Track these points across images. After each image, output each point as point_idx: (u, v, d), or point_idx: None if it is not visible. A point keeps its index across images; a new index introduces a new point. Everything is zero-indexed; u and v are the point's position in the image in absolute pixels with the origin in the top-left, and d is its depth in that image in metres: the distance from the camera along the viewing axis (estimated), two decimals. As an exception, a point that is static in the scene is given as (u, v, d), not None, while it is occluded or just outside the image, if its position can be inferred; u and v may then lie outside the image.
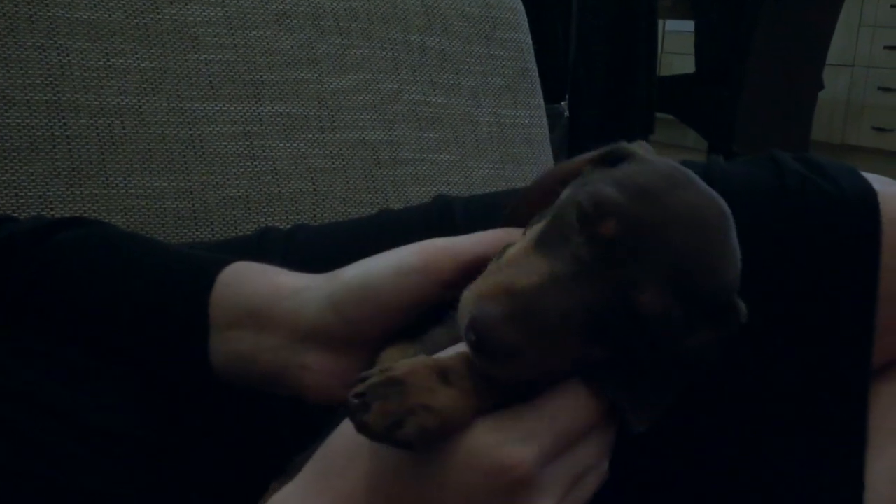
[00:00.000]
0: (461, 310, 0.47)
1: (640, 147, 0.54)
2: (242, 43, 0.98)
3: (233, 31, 0.97)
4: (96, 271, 0.62)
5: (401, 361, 0.48)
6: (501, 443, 0.46)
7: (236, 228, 0.93)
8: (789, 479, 0.60)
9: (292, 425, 0.57)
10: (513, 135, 1.18)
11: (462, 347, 0.51)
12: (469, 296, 0.47)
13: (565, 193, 0.52)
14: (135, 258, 0.63)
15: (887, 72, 4.48)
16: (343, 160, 1.02)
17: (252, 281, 0.60)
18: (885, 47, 4.47)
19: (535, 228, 0.51)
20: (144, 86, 0.91)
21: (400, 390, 0.45)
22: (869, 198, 0.61)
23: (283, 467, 0.57)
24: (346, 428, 0.50)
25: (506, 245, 0.53)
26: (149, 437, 0.59)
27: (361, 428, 0.45)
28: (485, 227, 0.59)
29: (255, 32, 0.98)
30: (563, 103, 2.93)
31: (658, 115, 3.58)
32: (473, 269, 0.56)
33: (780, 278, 0.51)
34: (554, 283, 0.46)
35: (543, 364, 0.46)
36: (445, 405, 0.46)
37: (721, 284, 0.49)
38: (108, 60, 0.90)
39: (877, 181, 0.63)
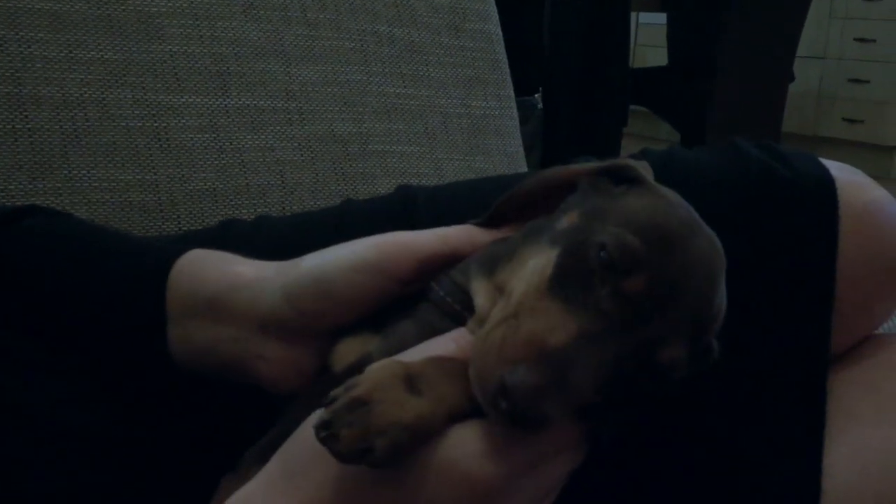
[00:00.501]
0: (478, 364, 0.45)
1: (643, 168, 0.54)
2: (208, 34, 0.96)
3: (198, 22, 0.96)
4: (50, 261, 0.61)
5: (366, 371, 0.47)
6: (474, 456, 0.46)
7: (203, 221, 0.92)
8: (748, 464, 0.60)
9: (255, 416, 0.57)
10: (483, 126, 1.18)
11: (433, 349, 0.50)
12: (487, 349, 0.45)
13: (568, 214, 0.51)
14: (90, 248, 0.62)
15: (858, 63, 4.53)
16: (311, 152, 1.01)
17: (208, 270, 0.59)
18: (856, 39, 4.51)
19: (541, 261, 0.49)
20: (108, 77, 0.90)
21: (367, 410, 0.44)
22: (827, 185, 0.62)
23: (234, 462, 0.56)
24: (310, 428, 0.49)
25: (489, 260, 0.53)
26: (106, 432, 0.58)
27: (333, 454, 0.44)
28: (449, 219, 0.59)
29: (221, 23, 0.97)
30: (536, 95, 2.93)
31: (632, 107, 3.59)
32: (433, 266, 0.56)
33: (738, 265, 0.51)
34: (583, 343, 0.45)
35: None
36: (415, 418, 0.45)
37: (716, 329, 0.50)
38: (71, 52, 0.88)
39: (835, 168, 0.64)
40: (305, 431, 0.49)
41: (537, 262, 0.49)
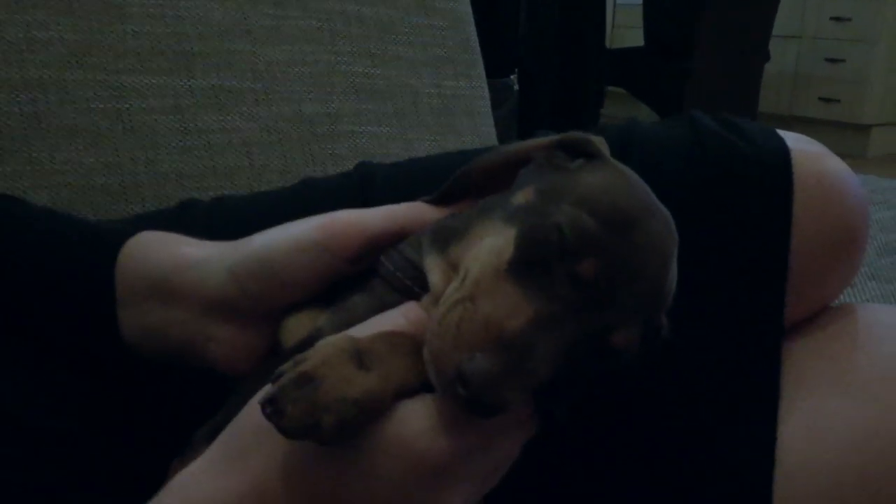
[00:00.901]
0: (434, 348, 0.45)
1: (599, 142, 0.53)
2: (171, 13, 0.95)
3: (161, 1, 0.94)
4: None
5: (315, 346, 0.46)
6: (423, 432, 0.45)
7: (168, 204, 0.91)
8: (703, 435, 0.60)
9: (210, 399, 0.56)
10: (454, 106, 1.17)
11: (382, 324, 0.50)
12: (444, 332, 0.45)
13: (523, 190, 0.51)
14: (37, 231, 0.61)
15: (834, 43, 4.54)
16: (279, 133, 1.00)
17: (155, 252, 0.59)
18: (832, 18, 4.53)
19: (498, 241, 0.48)
20: (69, 58, 0.88)
21: (314, 386, 0.43)
22: (783, 155, 0.62)
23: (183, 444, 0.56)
24: (256, 406, 0.49)
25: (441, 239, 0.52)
26: (58, 420, 0.58)
27: (279, 430, 0.43)
28: (407, 197, 0.58)
29: (184, 2, 0.96)
30: (512, 77, 2.92)
31: (609, 88, 3.59)
32: (380, 244, 0.55)
33: (693, 236, 0.50)
34: (540, 327, 0.45)
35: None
36: (363, 393, 0.44)
37: (667, 307, 0.50)
38: (30, 32, 0.87)
39: (791, 139, 0.64)
40: (251, 409, 0.48)
41: (494, 242, 0.48)
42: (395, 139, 1.10)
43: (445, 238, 0.53)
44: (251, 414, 0.48)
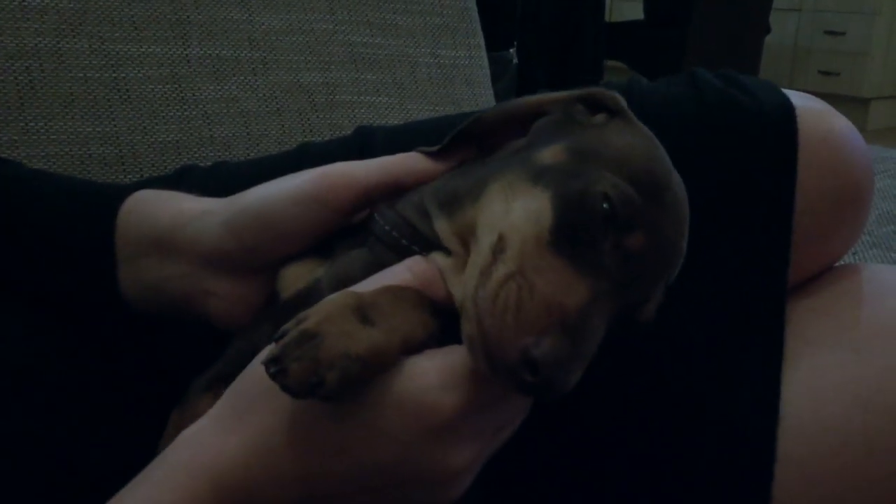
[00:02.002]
0: (492, 329, 0.42)
1: (617, 97, 0.52)
2: (167, -19, 0.94)
3: (156, -31, 0.93)
4: None
5: (318, 304, 0.45)
6: (430, 388, 0.45)
7: (167, 171, 0.90)
8: (708, 392, 0.60)
9: (208, 352, 0.56)
10: (453, 76, 1.16)
11: (388, 279, 0.49)
12: (500, 312, 0.42)
13: (550, 147, 0.49)
14: (37, 192, 0.61)
15: (833, 15, 4.51)
16: (277, 103, 0.99)
17: (154, 208, 0.58)
18: (832, -9, 4.50)
19: (534, 206, 0.46)
20: (63, 26, 0.87)
21: (316, 343, 0.43)
22: (787, 112, 0.61)
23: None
24: (259, 364, 0.48)
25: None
26: (58, 373, 0.58)
27: (283, 389, 0.43)
28: None
29: (180, -30, 0.95)
30: (511, 50, 2.90)
31: (609, 62, 3.57)
32: (374, 196, 0.55)
33: (698, 193, 0.50)
34: (594, 305, 0.44)
35: None
36: (367, 349, 0.43)
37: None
38: (24, 0, 0.86)
39: (796, 97, 0.63)
40: (255, 367, 0.48)
41: (528, 207, 0.46)
42: (394, 109, 1.09)
43: (453, 198, 0.51)
44: (256, 371, 0.47)
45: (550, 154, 0.48)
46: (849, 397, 0.57)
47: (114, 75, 0.89)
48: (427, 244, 0.51)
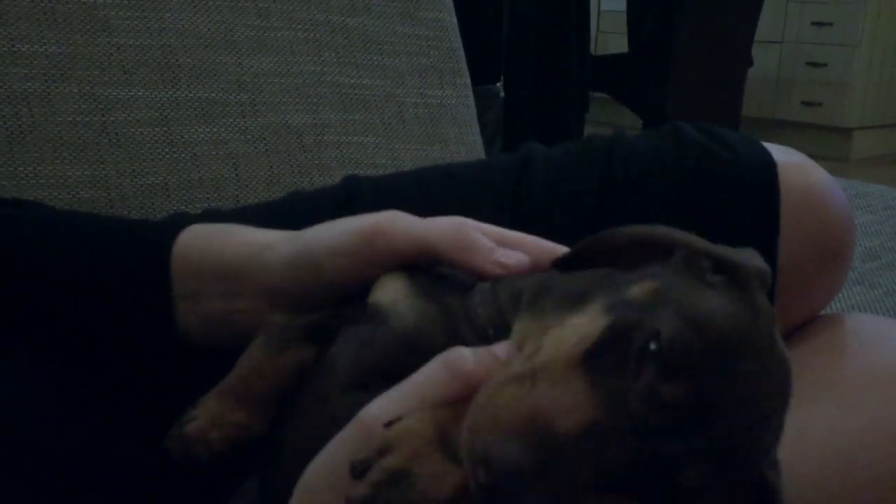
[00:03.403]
0: (472, 418, 0.39)
1: (753, 257, 0.47)
2: (156, 25, 0.95)
3: (145, 14, 0.94)
4: (38, 246, 0.60)
5: (396, 432, 0.42)
6: None
7: (155, 217, 0.91)
8: None
9: None
10: (440, 116, 1.17)
11: (422, 383, 0.45)
12: (488, 406, 0.39)
13: (641, 283, 0.44)
14: (78, 231, 0.61)
15: (815, 47, 4.58)
16: (266, 144, 1.00)
17: (216, 242, 0.59)
18: (813, 23, 4.56)
19: (586, 327, 0.42)
20: (53, 71, 0.88)
21: (408, 486, 0.40)
22: (768, 168, 0.62)
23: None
24: (326, 485, 0.44)
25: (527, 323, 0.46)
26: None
27: None
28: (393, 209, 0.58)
29: (168, 14, 0.96)
30: (498, 84, 2.92)
31: (595, 94, 3.61)
32: (414, 255, 0.54)
33: None
34: (595, 435, 0.38)
35: None
36: (454, 489, 0.40)
37: (761, 461, 0.43)
38: (13, 46, 0.86)
39: (777, 151, 0.64)
40: (319, 481, 0.44)
41: (580, 326, 0.42)
42: (382, 149, 1.10)
43: (544, 299, 0.47)
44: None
45: (639, 289, 0.44)
46: (832, 453, 0.57)
47: (103, 119, 0.90)
48: (507, 334, 0.47)
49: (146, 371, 0.62)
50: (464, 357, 0.44)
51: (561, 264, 0.51)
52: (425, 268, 0.55)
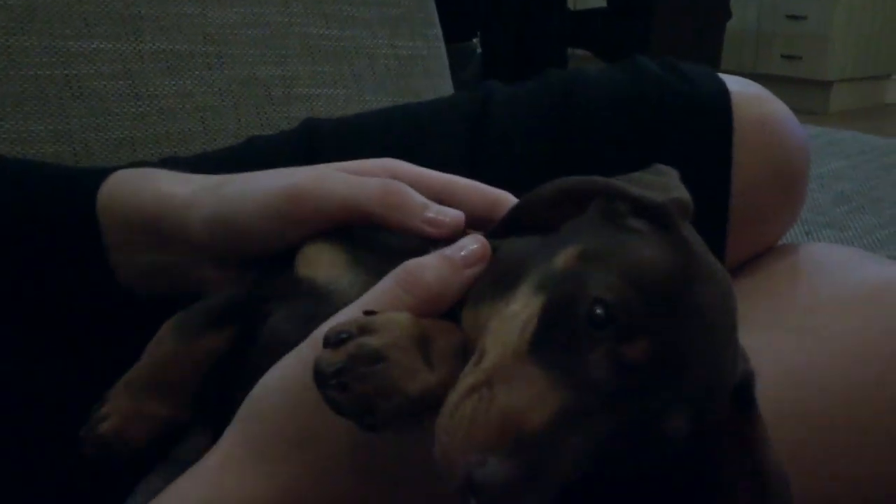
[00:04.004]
0: (444, 445, 0.39)
1: (671, 176, 0.48)
2: (117, -24, 0.93)
3: (106, -36, 0.92)
4: None
5: (381, 319, 0.42)
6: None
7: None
8: None
9: None
10: (411, 67, 1.16)
11: (384, 300, 0.45)
12: (455, 428, 0.38)
13: (566, 250, 0.43)
14: (10, 180, 0.60)
15: (794, 0, 4.56)
16: (233, 97, 0.99)
17: (138, 190, 0.57)
18: (792, -25, 4.54)
19: (523, 314, 0.41)
20: (12, 24, 0.86)
21: (382, 370, 0.40)
22: (723, 98, 0.63)
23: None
24: (279, 399, 0.46)
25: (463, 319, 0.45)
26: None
27: (329, 401, 0.40)
28: (353, 153, 0.57)
29: (130, -35, 0.94)
30: (475, 40, 2.90)
31: (574, 50, 3.59)
32: (350, 222, 0.52)
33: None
34: (567, 421, 0.38)
35: None
36: (421, 392, 0.41)
37: (730, 378, 0.44)
38: (-30, -2, 0.85)
39: (733, 82, 0.65)
40: (276, 400, 0.45)
41: (518, 315, 0.42)
42: (352, 101, 1.09)
43: (483, 291, 0.46)
44: (278, 414, 0.45)
45: (563, 258, 0.43)
46: (781, 375, 0.57)
47: (65, 72, 0.88)
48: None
49: (100, 326, 0.60)
50: (419, 267, 0.45)
51: (496, 234, 0.50)
52: (354, 230, 0.53)
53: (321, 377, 0.40)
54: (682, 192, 0.47)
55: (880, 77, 4.82)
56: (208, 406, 0.51)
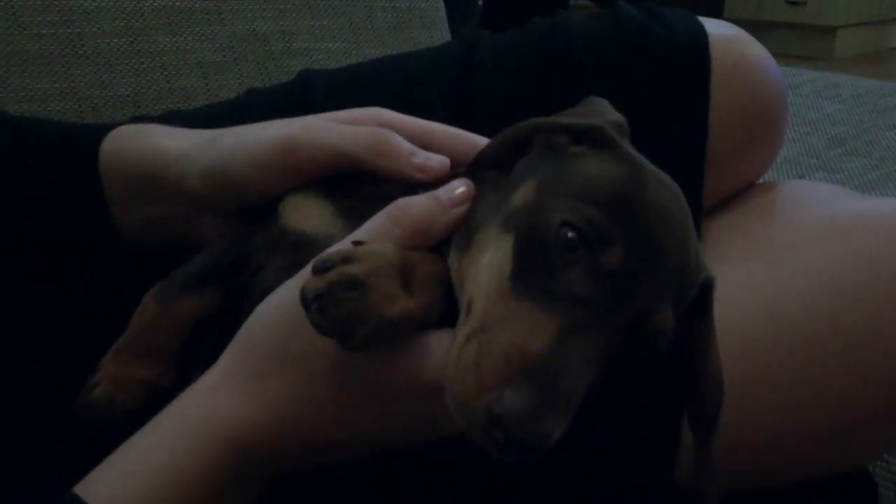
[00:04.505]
0: (457, 394, 0.40)
1: (617, 125, 0.50)
2: (116, -66, 0.94)
3: (104, -78, 0.93)
4: None
5: (364, 249, 0.45)
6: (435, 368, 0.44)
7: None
8: None
9: None
10: (409, 20, 1.17)
11: (375, 234, 0.48)
12: (463, 375, 0.40)
13: (523, 187, 0.46)
14: (11, 138, 0.62)
15: (799, -55, 4.50)
16: (234, 53, 1.00)
17: (137, 146, 0.59)
18: (797, -80, 4.47)
19: (497, 257, 0.44)
20: (14, -17, 0.87)
21: (360, 296, 0.42)
22: (699, 39, 0.64)
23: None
24: (271, 322, 0.48)
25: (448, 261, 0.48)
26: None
27: (312, 323, 0.43)
28: (349, 102, 0.58)
29: (128, -78, 0.95)
30: (476, -7, 2.88)
31: (578, 1, 3.56)
32: (342, 169, 0.54)
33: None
34: (567, 339, 0.40)
35: None
36: (400, 317, 0.44)
37: (700, 269, 0.47)
38: (-27, -42, 0.86)
39: (712, 24, 0.66)
40: (270, 323, 0.48)
41: (492, 259, 0.44)
42: (351, 55, 1.10)
43: (460, 238, 0.49)
44: (269, 334, 0.48)
45: (521, 195, 0.46)
46: (753, 306, 0.60)
47: (68, 31, 0.90)
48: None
49: (102, 283, 0.63)
50: (408, 204, 0.48)
51: (472, 173, 0.52)
52: (339, 182, 0.55)
53: (305, 301, 0.43)
54: (616, 116, 0.51)
55: (886, 21, 4.77)
56: (208, 366, 0.53)
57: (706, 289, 0.48)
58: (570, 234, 0.42)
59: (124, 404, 0.54)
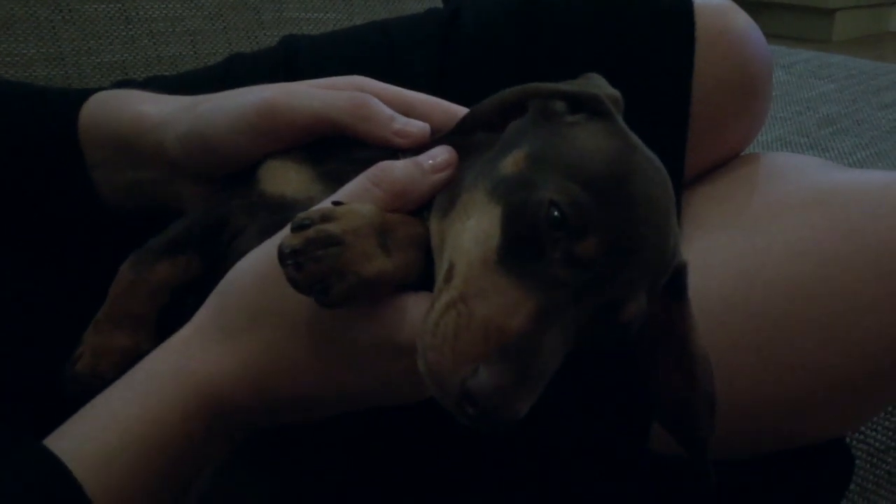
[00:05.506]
0: (432, 363, 0.41)
1: (612, 98, 0.49)
2: None
3: None
4: None
5: (344, 209, 0.45)
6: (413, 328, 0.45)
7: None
8: None
9: None
10: (402, -11, 1.16)
11: (355, 195, 0.48)
12: (440, 344, 0.41)
13: (513, 153, 0.46)
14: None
15: (799, -74, 4.47)
16: (224, 21, 1.00)
17: (116, 111, 0.59)
18: None
19: (484, 225, 0.44)
20: (0, -54, 0.87)
21: (337, 253, 0.43)
22: (686, 7, 0.64)
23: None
24: (248, 278, 0.48)
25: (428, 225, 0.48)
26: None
27: (288, 278, 0.43)
28: (332, 68, 0.58)
29: None
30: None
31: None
32: (322, 133, 0.54)
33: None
34: (543, 321, 0.41)
35: None
36: (377, 276, 0.44)
37: (675, 258, 0.47)
38: (-43, -80, 0.85)
39: None
40: (245, 279, 0.48)
41: (478, 226, 0.44)
42: (342, 25, 1.09)
43: (443, 201, 0.49)
44: (248, 285, 0.48)
45: (511, 162, 0.46)
46: (734, 273, 0.60)
47: (55, -5, 0.89)
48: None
49: (86, 249, 0.63)
50: (389, 166, 0.48)
51: (449, 140, 0.52)
52: (318, 147, 0.55)
53: (281, 256, 0.43)
54: (612, 91, 0.51)
55: (884, 5, 4.75)
56: None
57: (679, 275, 0.48)
58: (555, 214, 0.42)
59: (107, 373, 0.54)
